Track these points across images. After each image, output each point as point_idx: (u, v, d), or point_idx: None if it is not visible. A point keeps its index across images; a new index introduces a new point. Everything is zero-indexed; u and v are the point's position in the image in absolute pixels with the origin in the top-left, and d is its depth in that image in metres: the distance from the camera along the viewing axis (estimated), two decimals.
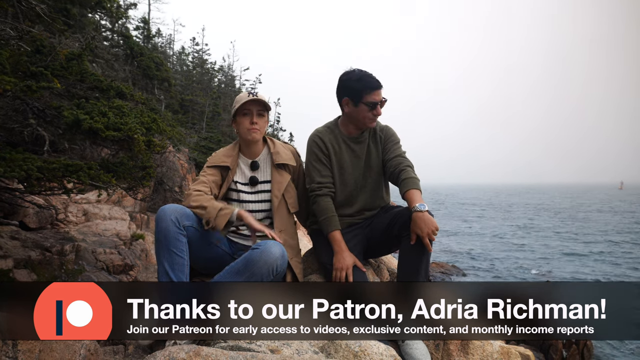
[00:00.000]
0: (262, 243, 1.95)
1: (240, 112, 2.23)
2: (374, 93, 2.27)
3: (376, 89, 2.28)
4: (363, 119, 2.33)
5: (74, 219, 8.14)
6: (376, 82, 2.29)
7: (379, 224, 2.33)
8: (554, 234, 36.69)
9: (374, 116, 2.31)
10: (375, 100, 2.27)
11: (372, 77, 2.29)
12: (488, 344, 1.98)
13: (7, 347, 1.46)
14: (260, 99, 2.21)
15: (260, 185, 2.31)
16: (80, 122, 3.17)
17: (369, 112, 2.29)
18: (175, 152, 13.51)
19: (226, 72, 31.76)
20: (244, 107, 2.22)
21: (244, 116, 2.23)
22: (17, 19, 4.10)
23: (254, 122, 2.22)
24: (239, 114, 2.24)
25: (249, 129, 2.22)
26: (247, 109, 2.22)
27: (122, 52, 13.47)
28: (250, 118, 2.22)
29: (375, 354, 1.55)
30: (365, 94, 2.27)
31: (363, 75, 2.30)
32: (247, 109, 2.22)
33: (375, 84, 2.28)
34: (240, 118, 2.24)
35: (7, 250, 4.81)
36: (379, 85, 2.29)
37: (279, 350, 1.51)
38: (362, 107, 2.29)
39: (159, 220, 1.90)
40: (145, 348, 2.00)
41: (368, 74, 2.31)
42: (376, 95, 2.28)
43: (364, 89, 2.27)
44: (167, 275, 1.85)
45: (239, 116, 2.24)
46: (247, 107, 2.22)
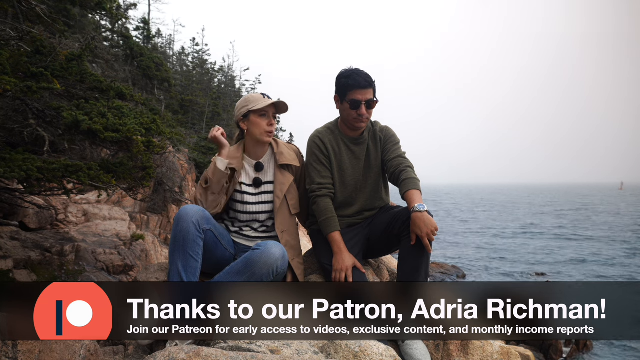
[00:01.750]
0: (262, 244, 1.95)
1: (258, 112, 2.23)
2: (358, 91, 2.21)
3: (361, 87, 2.20)
4: (347, 117, 2.29)
5: (74, 219, 8.14)
6: (363, 81, 2.20)
7: (378, 224, 2.33)
8: (554, 235, 36.68)
9: (358, 116, 2.24)
10: (358, 98, 2.20)
11: (361, 76, 2.22)
12: (488, 344, 1.98)
13: (7, 348, 1.46)
14: (283, 104, 2.24)
15: (263, 186, 2.31)
16: (79, 123, 3.17)
17: (352, 110, 2.24)
18: (175, 153, 13.50)
19: (226, 72, 31.78)
20: (264, 109, 2.22)
21: (261, 117, 2.22)
22: (17, 19, 4.11)
23: (272, 124, 2.24)
24: (256, 114, 2.22)
25: (267, 131, 2.23)
26: (266, 110, 2.23)
27: (122, 52, 13.47)
28: (268, 120, 2.23)
29: (375, 354, 1.55)
30: (349, 90, 2.22)
31: (353, 72, 2.23)
32: (266, 110, 2.23)
33: (361, 83, 2.20)
34: (256, 118, 2.23)
35: (7, 250, 4.81)
36: (365, 85, 2.20)
37: (279, 350, 1.51)
38: (346, 105, 2.26)
39: (180, 220, 1.88)
40: (145, 348, 2.00)
41: (359, 72, 2.24)
42: (360, 94, 2.21)
43: (349, 86, 2.22)
44: (179, 276, 1.84)
45: (254, 116, 2.23)
46: (265, 109, 2.23)
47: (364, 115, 2.25)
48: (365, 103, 2.23)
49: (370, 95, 2.25)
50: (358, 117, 2.26)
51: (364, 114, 2.25)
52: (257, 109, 2.21)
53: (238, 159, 2.29)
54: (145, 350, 1.99)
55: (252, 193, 2.29)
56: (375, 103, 2.28)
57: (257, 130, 2.24)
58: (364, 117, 2.26)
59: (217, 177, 2.15)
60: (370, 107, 2.27)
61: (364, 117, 2.26)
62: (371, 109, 2.28)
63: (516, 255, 27.39)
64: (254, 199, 2.29)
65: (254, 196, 2.29)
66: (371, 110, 2.29)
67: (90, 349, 1.79)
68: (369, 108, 2.26)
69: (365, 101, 2.23)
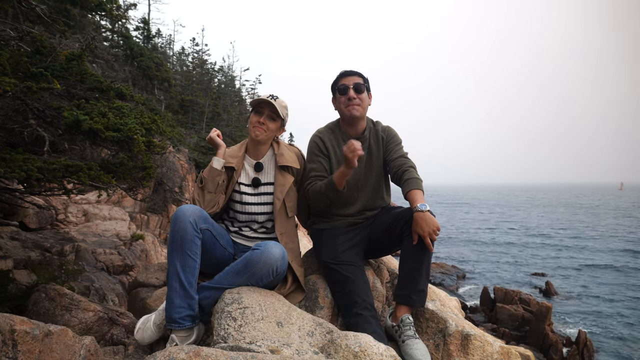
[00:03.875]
0: (262, 244, 1.94)
1: (254, 109, 2.27)
2: (344, 78, 2.34)
3: (347, 75, 2.34)
4: (340, 107, 2.37)
5: (74, 219, 8.14)
6: (348, 70, 2.35)
7: (380, 223, 2.33)
8: (554, 235, 36.64)
9: (348, 100, 2.31)
10: (344, 83, 2.32)
11: (347, 69, 2.37)
12: (488, 344, 1.98)
13: (7, 348, 1.46)
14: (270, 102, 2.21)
15: (263, 187, 2.30)
16: (80, 123, 3.16)
17: (342, 97, 2.33)
18: (175, 153, 13.50)
19: (226, 72, 31.78)
20: (259, 106, 2.25)
21: (255, 114, 2.26)
22: (17, 19, 4.11)
23: (262, 121, 2.24)
24: (253, 111, 2.27)
25: (254, 126, 2.24)
26: (261, 107, 2.25)
27: (122, 52, 13.48)
28: (259, 117, 2.24)
29: (375, 354, 1.55)
30: (337, 82, 2.37)
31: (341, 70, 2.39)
32: (261, 107, 2.25)
33: (347, 71, 2.34)
34: (252, 116, 2.27)
35: (7, 250, 4.81)
36: (350, 72, 2.34)
37: (279, 350, 1.51)
38: (337, 95, 2.37)
39: (177, 220, 1.87)
40: (145, 348, 2.00)
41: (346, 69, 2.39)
42: (346, 80, 2.33)
43: (337, 79, 2.37)
44: (177, 277, 1.83)
45: (252, 115, 2.27)
46: (261, 106, 2.25)
47: (353, 99, 2.30)
48: (353, 86, 2.31)
49: (358, 80, 2.33)
50: (348, 101, 2.31)
51: (353, 96, 2.30)
52: (254, 105, 2.26)
53: (239, 158, 2.30)
54: (145, 350, 1.99)
55: (251, 193, 2.29)
56: (364, 87, 2.33)
57: (249, 125, 2.28)
58: (354, 101, 2.31)
59: (212, 176, 2.16)
60: (359, 90, 2.32)
61: (355, 101, 2.31)
62: (361, 92, 2.32)
63: (516, 255, 27.38)
64: (253, 200, 2.28)
65: (253, 197, 2.29)
66: (361, 95, 2.32)
67: (91, 348, 1.79)
68: (357, 92, 2.31)
69: (353, 84, 2.31)
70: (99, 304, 2.85)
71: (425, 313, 2.16)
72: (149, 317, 2.00)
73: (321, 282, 2.27)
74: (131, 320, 2.72)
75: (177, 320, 1.81)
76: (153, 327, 1.95)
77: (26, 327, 1.53)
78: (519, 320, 13.51)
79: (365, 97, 2.34)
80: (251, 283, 1.92)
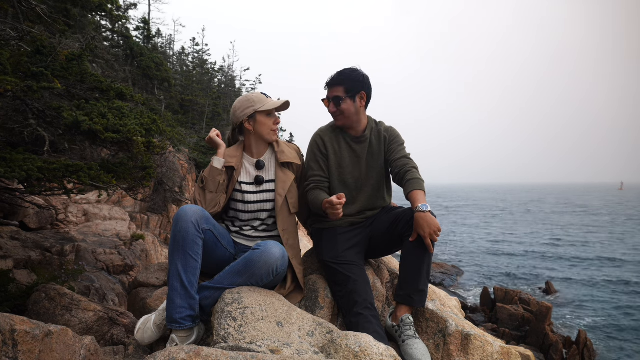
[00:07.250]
0: (262, 244, 1.94)
1: (265, 112, 2.28)
2: (327, 90, 2.39)
3: (328, 86, 2.38)
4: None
5: (74, 219, 8.14)
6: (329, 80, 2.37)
7: (381, 223, 2.33)
8: (554, 235, 36.64)
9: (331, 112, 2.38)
10: (327, 95, 2.37)
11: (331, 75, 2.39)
12: (488, 344, 1.98)
13: (7, 348, 1.46)
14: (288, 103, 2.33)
15: (264, 185, 2.31)
16: (79, 124, 3.16)
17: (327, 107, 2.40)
18: (175, 153, 13.51)
19: (226, 72, 31.79)
20: (272, 110, 2.30)
21: (269, 117, 2.29)
22: (17, 19, 4.11)
23: (278, 122, 2.34)
24: (263, 114, 2.28)
25: (274, 130, 2.32)
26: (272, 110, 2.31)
27: (122, 52, 13.48)
28: (274, 119, 2.31)
29: (375, 354, 1.55)
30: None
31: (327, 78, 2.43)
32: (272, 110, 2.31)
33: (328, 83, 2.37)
34: (263, 118, 2.28)
35: (7, 250, 4.81)
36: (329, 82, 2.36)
37: (279, 350, 1.51)
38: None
39: (179, 220, 1.87)
40: (145, 348, 2.00)
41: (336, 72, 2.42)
42: (328, 92, 2.38)
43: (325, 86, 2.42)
44: (178, 277, 1.83)
45: (261, 116, 2.27)
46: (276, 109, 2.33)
47: (333, 112, 2.36)
48: (333, 99, 2.34)
49: (338, 92, 2.33)
50: (331, 112, 2.39)
51: (332, 111, 2.37)
52: (266, 109, 2.25)
53: (237, 158, 2.30)
54: (145, 350, 1.99)
55: (253, 192, 2.29)
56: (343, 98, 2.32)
57: (265, 129, 2.29)
58: (335, 114, 2.37)
59: (212, 175, 2.17)
60: (338, 104, 2.33)
61: (336, 114, 2.36)
62: (338, 105, 2.34)
63: (516, 255, 27.37)
64: (256, 198, 2.29)
65: (255, 194, 2.29)
66: (341, 107, 2.33)
67: (91, 348, 1.80)
68: (336, 105, 2.34)
69: (332, 98, 2.34)
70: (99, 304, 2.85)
71: (426, 313, 2.16)
72: (149, 317, 2.00)
73: (321, 282, 2.27)
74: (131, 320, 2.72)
75: (177, 320, 1.81)
76: (153, 327, 1.95)
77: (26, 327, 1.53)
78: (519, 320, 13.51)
79: (348, 106, 2.33)
80: (251, 283, 1.92)
